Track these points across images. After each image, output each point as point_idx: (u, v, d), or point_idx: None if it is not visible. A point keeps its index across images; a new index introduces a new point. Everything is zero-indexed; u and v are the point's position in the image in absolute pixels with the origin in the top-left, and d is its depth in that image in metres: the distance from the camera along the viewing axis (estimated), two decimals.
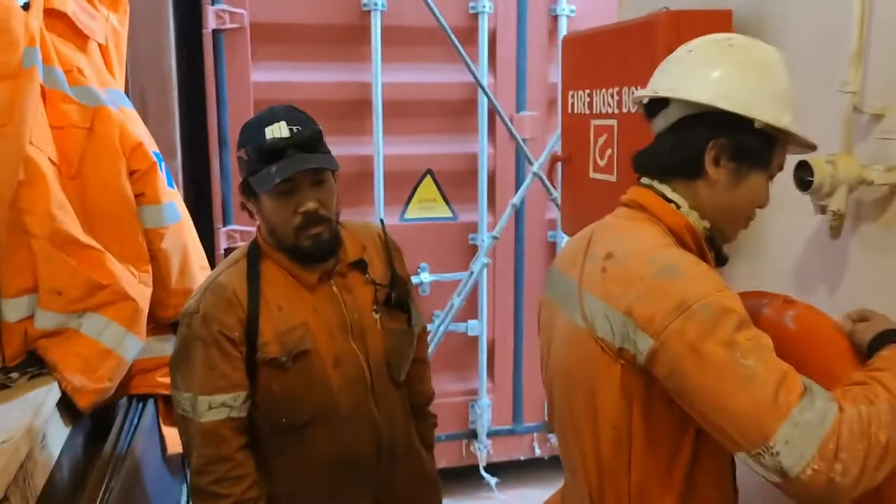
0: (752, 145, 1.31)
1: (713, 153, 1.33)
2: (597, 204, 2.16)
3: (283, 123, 1.61)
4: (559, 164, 2.43)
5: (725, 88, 1.30)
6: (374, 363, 1.76)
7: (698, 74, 1.32)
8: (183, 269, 2.31)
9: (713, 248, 1.39)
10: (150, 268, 2.19)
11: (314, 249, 1.66)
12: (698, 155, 1.33)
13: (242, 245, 1.80)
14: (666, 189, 1.38)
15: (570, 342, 1.38)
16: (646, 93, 1.40)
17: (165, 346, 2.29)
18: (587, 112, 2.22)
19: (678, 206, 1.37)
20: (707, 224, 1.37)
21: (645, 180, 1.43)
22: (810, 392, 1.13)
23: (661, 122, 1.39)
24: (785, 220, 1.79)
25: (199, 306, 1.66)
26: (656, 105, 1.40)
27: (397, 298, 1.80)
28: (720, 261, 1.41)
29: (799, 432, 1.10)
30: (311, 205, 1.62)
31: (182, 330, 1.69)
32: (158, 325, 2.29)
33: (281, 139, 1.61)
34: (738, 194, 1.33)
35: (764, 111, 1.30)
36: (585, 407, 1.36)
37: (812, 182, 1.54)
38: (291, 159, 1.59)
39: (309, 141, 1.62)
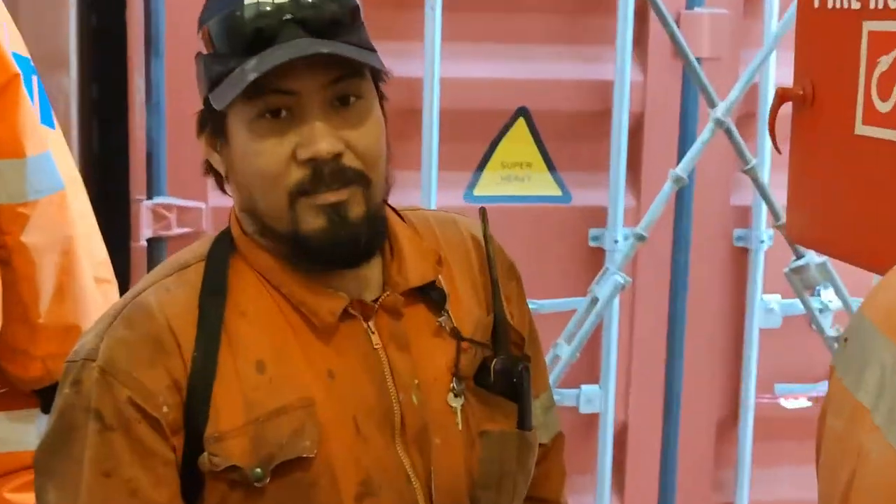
0: None
1: None
2: (870, 186, 2.09)
3: None
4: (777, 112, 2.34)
5: None
6: (442, 496, 1.67)
7: None
8: (63, 286, 2.26)
9: None
10: None
11: (327, 238, 1.58)
12: None
13: (200, 240, 1.74)
14: None
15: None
16: None
17: (23, 433, 2.26)
18: (856, 6, 2.10)
19: None
20: None
21: None
22: None
23: None
24: None
25: (100, 348, 1.58)
26: None
27: (503, 370, 1.72)
28: None
29: None
30: (325, 144, 1.54)
31: (62, 393, 1.60)
32: (11, 393, 2.27)
33: (271, 8, 1.55)
34: None
35: None
36: None
37: None
38: (289, 45, 1.54)
39: (328, 19, 1.56)
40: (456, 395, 1.68)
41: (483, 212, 1.82)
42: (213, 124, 1.61)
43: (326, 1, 1.56)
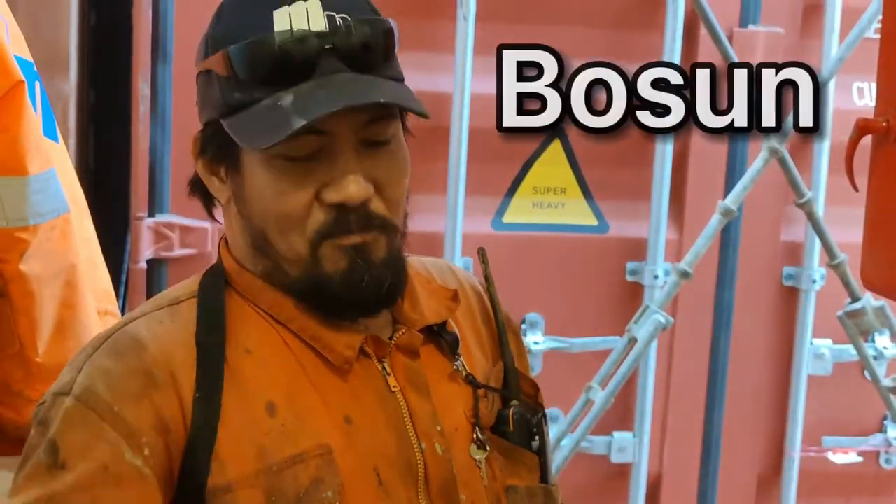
0: None
1: None
2: None
3: (312, 3, 1.54)
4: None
5: None
6: None
7: None
8: (65, 321, 2.24)
9: None
10: None
11: (350, 281, 1.56)
12: None
13: (190, 278, 1.71)
14: None
15: None
16: None
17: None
18: None
19: None
20: None
21: None
22: None
23: None
24: None
25: (76, 380, 1.55)
26: None
27: (521, 419, 1.71)
28: None
29: None
30: (354, 188, 1.52)
31: (31, 434, 1.58)
32: (9, 437, 2.23)
33: (308, 36, 1.53)
34: None
35: None
36: None
37: None
38: (330, 82, 1.51)
39: (366, 48, 1.55)
40: (479, 447, 1.67)
41: (482, 253, 1.81)
42: (219, 150, 1.58)
43: (364, 29, 1.54)
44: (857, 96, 3.68)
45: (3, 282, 2.15)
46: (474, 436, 1.66)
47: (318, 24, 1.51)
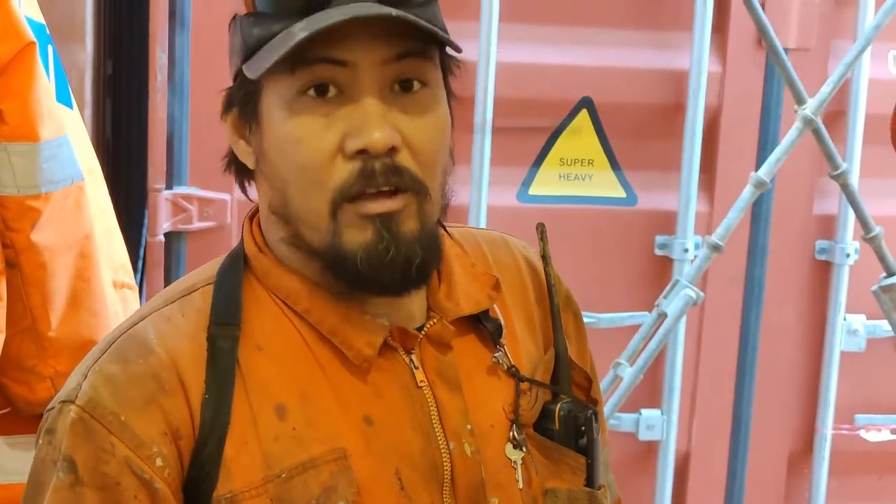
0: None
1: None
2: None
3: None
4: None
5: None
6: None
7: None
8: (79, 294, 2.25)
9: None
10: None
11: (374, 256, 1.51)
12: None
13: (209, 262, 1.68)
14: None
15: None
16: None
17: (25, 462, 2.09)
18: None
19: None
20: None
21: None
22: None
23: None
24: None
25: (81, 387, 1.53)
26: None
27: (568, 416, 1.67)
28: None
29: None
30: (379, 135, 1.47)
31: (36, 449, 1.57)
32: (14, 415, 2.27)
33: None
34: None
35: None
36: None
37: None
38: (348, 7, 1.45)
39: None
40: (515, 447, 1.64)
41: (541, 228, 1.75)
42: (243, 104, 1.54)
43: None
44: (892, 65, 3.64)
45: (15, 253, 2.14)
46: (511, 434, 1.64)
47: None
